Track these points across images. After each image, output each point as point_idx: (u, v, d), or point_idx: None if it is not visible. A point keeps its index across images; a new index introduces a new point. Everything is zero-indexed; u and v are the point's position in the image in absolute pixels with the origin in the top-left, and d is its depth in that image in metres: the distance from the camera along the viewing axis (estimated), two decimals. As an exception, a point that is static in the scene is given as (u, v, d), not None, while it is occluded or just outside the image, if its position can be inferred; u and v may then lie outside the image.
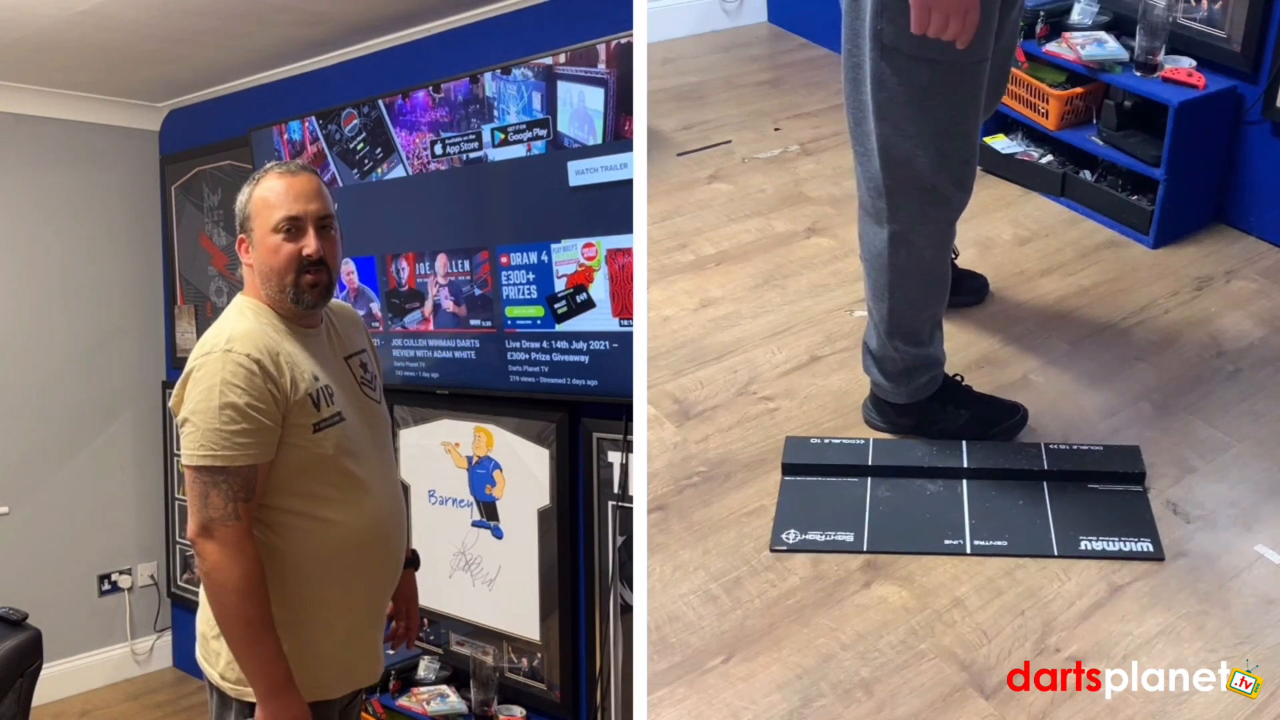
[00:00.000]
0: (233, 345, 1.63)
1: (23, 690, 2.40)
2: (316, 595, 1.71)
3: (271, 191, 1.73)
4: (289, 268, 1.71)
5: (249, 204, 1.75)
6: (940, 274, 2.13)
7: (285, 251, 1.71)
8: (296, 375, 1.67)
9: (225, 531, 1.60)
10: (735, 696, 1.74)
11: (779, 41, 4.25)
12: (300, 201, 1.72)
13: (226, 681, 1.70)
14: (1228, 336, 2.50)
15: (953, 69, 1.87)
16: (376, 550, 1.78)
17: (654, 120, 3.56)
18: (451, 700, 2.72)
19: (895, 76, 1.88)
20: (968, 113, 1.95)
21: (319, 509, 1.69)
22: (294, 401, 1.66)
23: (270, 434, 1.63)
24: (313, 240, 1.72)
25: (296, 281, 1.72)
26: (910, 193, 1.99)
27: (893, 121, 1.93)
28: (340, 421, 1.72)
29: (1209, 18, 2.77)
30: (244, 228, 1.77)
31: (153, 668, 4.18)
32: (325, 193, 1.78)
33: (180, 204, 4.05)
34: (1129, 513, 2.03)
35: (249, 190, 1.77)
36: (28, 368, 3.83)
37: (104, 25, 3.00)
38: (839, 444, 2.20)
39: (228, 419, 1.59)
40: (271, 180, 1.75)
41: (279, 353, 1.67)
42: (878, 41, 1.86)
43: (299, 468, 1.67)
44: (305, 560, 1.69)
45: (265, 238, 1.72)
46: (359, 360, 1.88)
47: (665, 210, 3.07)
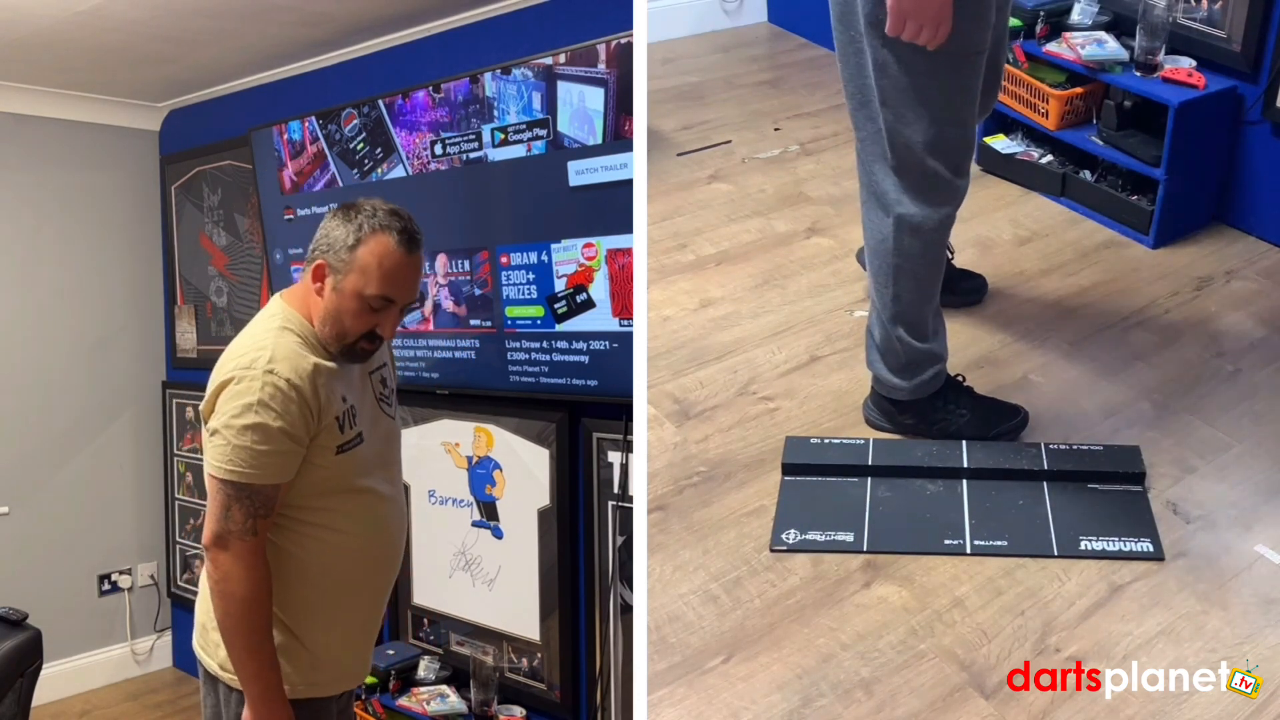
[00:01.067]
0: (275, 367, 1.63)
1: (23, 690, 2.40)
2: (322, 599, 1.74)
3: (387, 260, 1.66)
4: (356, 333, 1.70)
5: (354, 251, 1.67)
6: (940, 260, 2.16)
7: (365, 321, 1.70)
8: (328, 399, 1.68)
9: (241, 545, 1.62)
10: (735, 696, 1.74)
11: (779, 41, 4.25)
12: (405, 288, 1.70)
13: (226, 672, 1.72)
14: (1228, 336, 2.50)
15: (951, 59, 1.91)
16: (382, 559, 1.83)
17: (654, 120, 3.55)
18: (451, 700, 2.72)
19: (897, 64, 1.93)
20: (965, 102, 1.99)
21: (333, 521, 1.73)
22: (324, 425, 1.68)
23: (296, 456, 1.66)
24: (392, 326, 1.72)
25: (355, 344, 1.72)
26: (913, 177, 2.03)
27: (894, 107, 1.97)
28: (360, 443, 1.74)
29: (1209, 18, 2.77)
30: (335, 265, 1.68)
31: (153, 668, 4.18)
32: (423, 272, 1.77)
33: (180, 204, 4.05)
34: (1129, 513, 2.03)
35: (357, 234, 1.67)
36: (28, 368, 3.83)
37: (104, 25, 3.00)
38: (839, 444, 2.20)
39: (259, 439, 1.61)
40: (392, 247, 1.67)
41: (317, 376, 1.67)
42: (878, 29, 1.89)
43: (318, 485, 1.70)
44: (315, 567, 1.73)
45: (354, 296, 1.68)
46: (380, 375, 1.89)
47: (665, 210, 3.07)
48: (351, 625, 1.80)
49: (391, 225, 1.69)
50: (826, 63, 3.94)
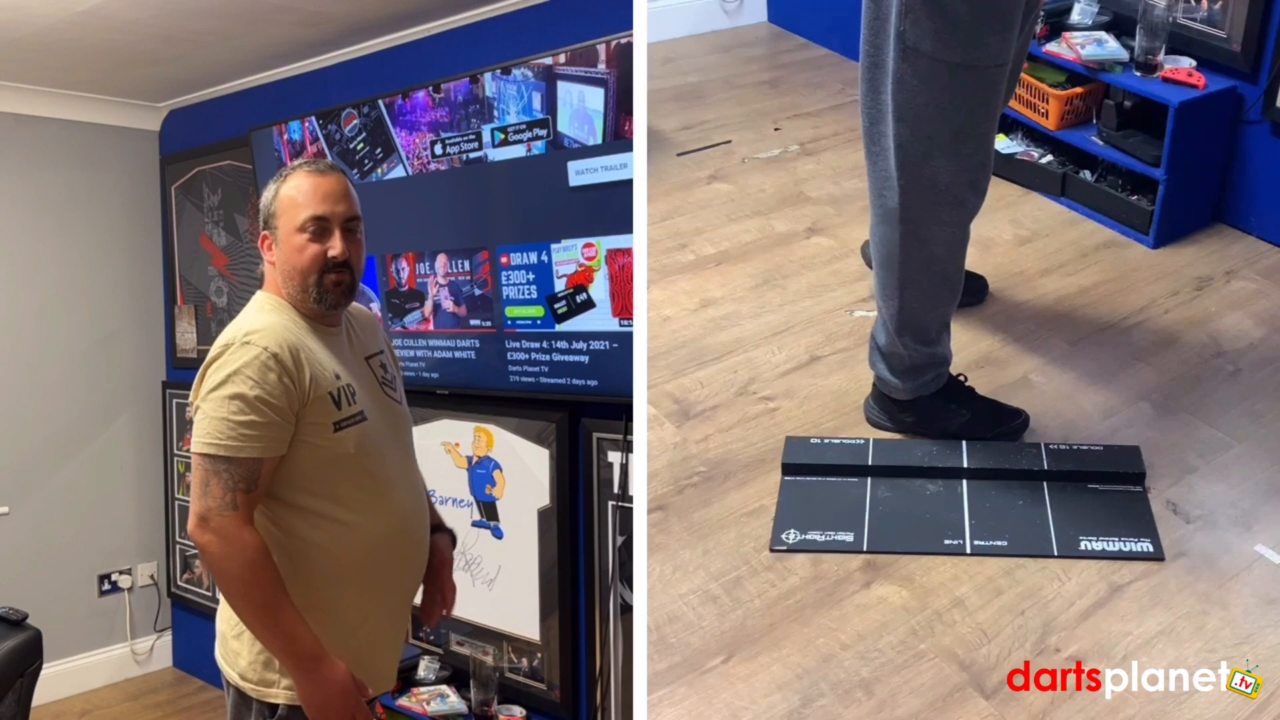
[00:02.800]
0: (251, 338, 1.62)
1: (23, 690, 2.40)
2: (340, 597, 1.69)
3: (299, 190, 1.71)
4: (313, 268, 1.70)
5: (275, 201, 1.73)
6: (951, 275, 2.14)
7: (310, 252, 1.70)
8: (316, 373, 1.65)
9: (222, 522, 1.57)
10: (735, 696, 1.74)
11: (779, 41, 4.25)
12: (328, 202, 1.71)
13: (247, 682, 1.68)
14: (1228, 336, 2.50)
15: (972, 72, 1.88)
16: (398, 551, 1.77)
17: (654, 120, 3.56)
18: (451, 700, 2.72)
19: (915, 78, 1.89)
20: (985, 116, 1.96)
21: (341, 509, 1.68)
22: (313, 399, 1.64)
23: (280, 429, 1.61)
24: (339, 242, 1.71)
25: (320, 281, 1.70)
26: (925, 194, 2.00)
27: (910, 122, 1.94)
28: (362, 420, 1.70)
29: (1209, 18, 2.77)
30: (268, 224, 1.75)
31: (153, 668, 4.18)
32: (353, 193, 1.77)
33: (180, 204, 4.05)
34: (1129, 513, 2.03)
35: (275, 187, 1.75)
36: (28, 368, 3.83)
37: (104, 25, 3.00)
38: (839, 444, 2.21)
39: (236, 409, 1.57)
40: (299, 178, 1.73)
41: (299, 349, 1.65)
42: (900, 42, 1.87)
43: (320, 467, 1.66)
44: (328, 561, 1.67)
45: (290, 236, 1.71)
46: (379, 361, 1.87)
47: (665, 210, 3.07)
48: (374, 624, 1.74)
49: (298, 165, 1.76)
50: (826, 63, 3.95)
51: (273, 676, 1.66)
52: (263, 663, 1.67)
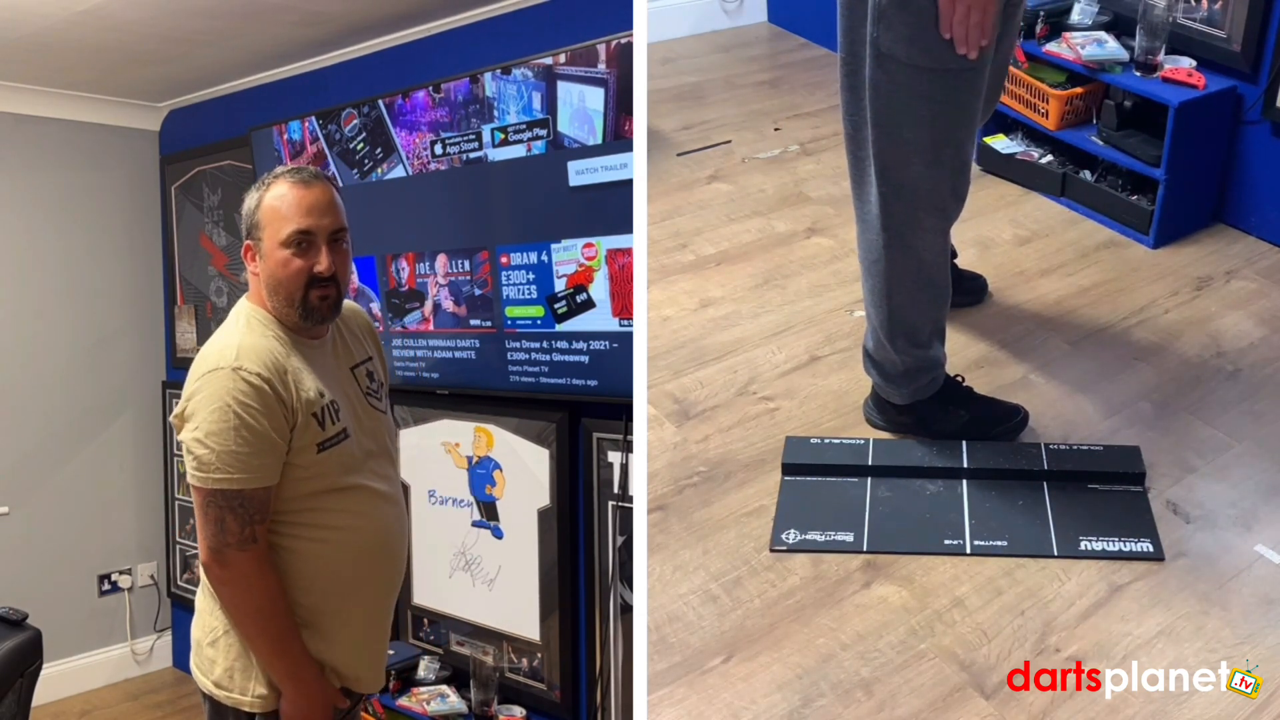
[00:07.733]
0: (242, 363, 1.60)
1: (23, 690, 2.40)
2: (324, 605, 1.70)
3: (283, 201, 1.67)
4: (298, 284, 1.67)
5: (258, 211, 1.69)
6: (938, 280, 2.13)
7: (295, 267, 1.66)
8: (303, 393, 1.65)
9: (242, 557, 1.58)
10: (735, 696, 1.74)
11: (779, 41, 4.25)
12: (314, 215, 1.67)
13: (222, 690, 1.68)
14: (1228, 336, 2.50)
15: (949, 76, 1.86)
16: (379, 560, 1.78)
17: (654, 120, 3.56)
18: (451, 700, 2.72)
19: (891, 84, 1.88)
20: (963, 121, 1.94)
21: (322, 521, 1.68)
22: (301, 421, 1.63)
23: (280, 454, 1.62)
24: (325, 257, 1.67)
25: (305, 297, 1.67)
26: (906, 200, 1.99)
27: (888, 129, 1.92)
28: (344, 439, 1.70)
29: (1209, 18, 2.77)
30: (251, 235, 1.70)
31: (153, 668, 4.18)
32: (339, 204, 1.72)
33: (180, 204, 4.05)
34: (1129, 513, 2.03)
35: (258, 196, 1.70)
36: (28, 368, 3.83)
37: (104, 25, 3.00)
38: (839, 444, 2.20)
39: (243, 440, 1.56)
40: (283, 188, 1.68)
41: (286, 370, 1.64)
42: (875, 49, 1.86)
43: (303, 486, 1.66)
44: (310, 571, 1.68)
45: (275, 250, 1.67)
46: (365, 369, 1.85)
47: (665, 210, 3.07)
48: (356, 631, 1.75)
49: (281, 174, 1.71)
50: (826, 63, 3.95)
51: (248, 684, 1.67)
52: (239, 669, 1.67)
